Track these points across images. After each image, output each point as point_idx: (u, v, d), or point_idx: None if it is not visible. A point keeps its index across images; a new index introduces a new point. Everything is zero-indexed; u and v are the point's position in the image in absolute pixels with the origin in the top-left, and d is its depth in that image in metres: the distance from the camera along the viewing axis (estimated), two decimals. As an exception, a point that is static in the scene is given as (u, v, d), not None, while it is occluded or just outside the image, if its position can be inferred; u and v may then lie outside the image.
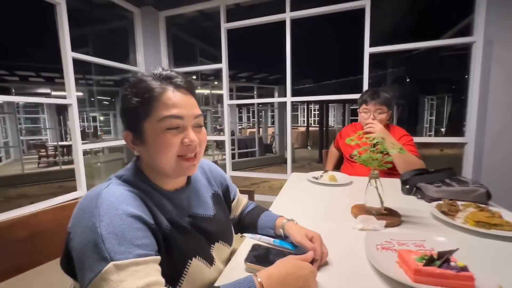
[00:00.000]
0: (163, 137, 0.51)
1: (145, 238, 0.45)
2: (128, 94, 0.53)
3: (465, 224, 0.79)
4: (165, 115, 0.51)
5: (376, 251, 0.64)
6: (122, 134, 0.61)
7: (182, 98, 0.53)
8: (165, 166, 0.54)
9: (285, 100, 2.59)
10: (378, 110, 1.46)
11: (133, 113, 0.53)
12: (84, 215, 0.45)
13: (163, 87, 0.52)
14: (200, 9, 2.86)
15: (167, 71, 0.55)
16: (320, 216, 0.93)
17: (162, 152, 0.52)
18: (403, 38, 2.23)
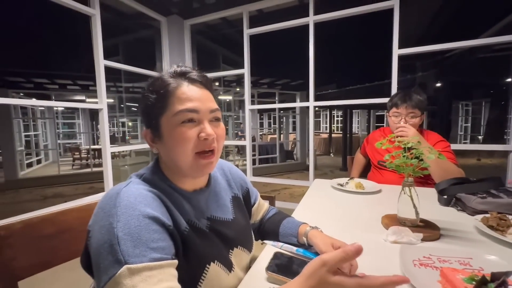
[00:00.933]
0: (178, 131, 0.51)
1: (161, 240, 0.44)
2: (145, 93, 0.54)
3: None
4: (180, 109, 0.51)
5: (414, 268, 0.57)
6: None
7: (197, 92, 0.53)
8: (182, 163, 0.52)
9: (307, 104, 2.53)
10: (410, 114, 1.34)
11: (151, 110, 0.53)
12: (104, 214, 0.45)
13: (177, 82, 0.52)
14: (223, 17, 2.92)
15: (181, 67, 0.55)
16: (346, 226, 0.87)
17: (178, 147, 0.51)
18: (434, 39, 2.09)
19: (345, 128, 7.03)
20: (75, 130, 10.68)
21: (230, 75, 4.88)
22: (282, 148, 6.90)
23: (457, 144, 1.98)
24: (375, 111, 11.95)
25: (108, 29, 2.20)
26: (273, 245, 0.69)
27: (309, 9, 2.40)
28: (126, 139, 10.11)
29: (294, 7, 2.82)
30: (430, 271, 0.56)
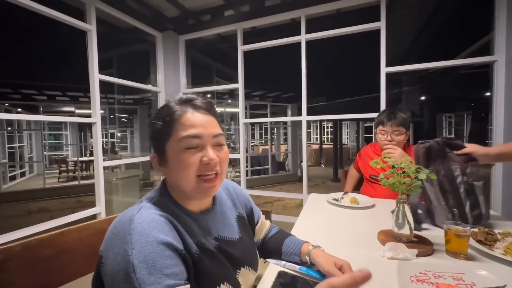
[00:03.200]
0: (182, 156, 0.53)
1: (175, 266, 0.45)
2: (154, 119, 0.57)
3: (506, 256, 0.73)
4: (184, 135, 0.53)
5: (411, 284, 0.60)
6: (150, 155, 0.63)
7: (200, 118, 0.56)
8: (186, 186, 0.55)
9: (300, 119, 2.60)
10: (396, 132, 1.43)
11: (158, 136, 0.56)
12: (118, 241, 0.45)
13: (182, 109, 0.56)
14: (217, 33, 3.00)
15: (187, 94, 0.58)
16: (344, 242, 0.90)
17: (181, 171, 0.53)
18: (418, 57, 2.23)
19: (336, 140, 7.17)
20: (62, 142, 10.40)
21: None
22: (274, 160, 6.93)
23: None
24: (363, 122, 12.30)
25: (102, 42, 2.21)
26: (276, 264, 0.71)
27: (301, 27, 2.50)
28: (115, 150, 9.92)
29: (286, 24, 2.94)
30: (427, 286, 0.59)
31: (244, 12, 2.67)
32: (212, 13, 2.74)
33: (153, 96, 3.43)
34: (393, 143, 1.44)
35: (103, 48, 2.23)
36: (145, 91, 3.88)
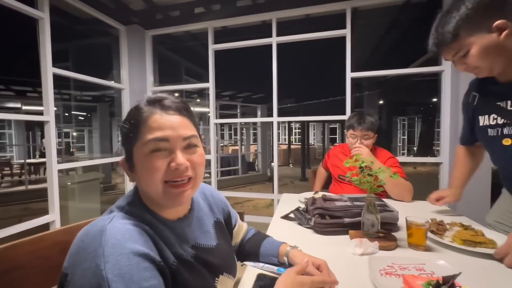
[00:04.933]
0: (148, 161, 0.50)
1: (153, 278, 0.42)
2: (123, 121, 0.53)
3: (453, 243, 0.84)
4: (149, 138, 0.50)
5: (381, 277, 0.64)
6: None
7: (169, 120, 0.51)
8: (153, 193, 0.51)
9: (271, 120, 2.64)
10: (365, 136, 1.52)
11: (126, 140, 0.52)
12: (87, 255, 0.41)
13: (150, 111, 0.52)
14: (187, 30, 2.91)
15: (157, 94, 0.54)
16: (318, 241, 0.93)
17: (147, 177, 0.50)
18: (378, 64, 2.41)
19: (304, 140, 7.42)
20: (5, 142, 9.19)
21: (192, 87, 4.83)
22: (244, 160, 6.95)
23: (402, 157, 2.26)
24: (328, 124, 12.93)
25: (57, 32, 2.00)
26: (254, 266, 0.71)
27: (272, 30, 2.54)
28: (71, 151, 9.06)
29: (258, 26, 2.96)
30: (394, 279, 0.63)
31: (215, 10, 2.63)
32: (182, 9, 2.65)
33: (116, 93, 3.21)
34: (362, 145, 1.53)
35: (57, 38, 2.02)
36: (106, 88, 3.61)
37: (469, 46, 0.75)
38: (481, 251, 0.78)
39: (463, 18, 0.73)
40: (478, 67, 0.78)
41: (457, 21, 0.73)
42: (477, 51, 0.74)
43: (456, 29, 0.74)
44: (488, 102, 0.88)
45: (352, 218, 0.96)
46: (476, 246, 0.81)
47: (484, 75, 0.81)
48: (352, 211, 0.98)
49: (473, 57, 0.75)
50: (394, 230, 0.98)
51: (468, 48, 0.75)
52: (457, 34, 0.74)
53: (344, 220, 0.96)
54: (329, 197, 1.11)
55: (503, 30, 0.70)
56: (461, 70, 0.83)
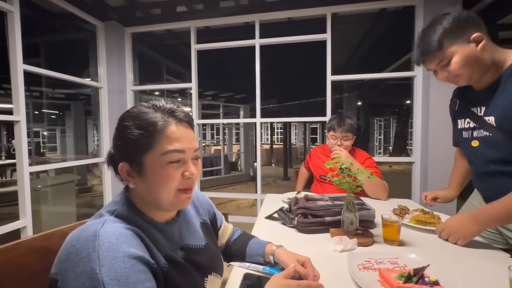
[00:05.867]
0: (166, 171, 0.51)
1: (147, 281, 0.43)
2: (129, 126, 0.51)
3: (409, 223, 1.03)
4: (169, 149, 0.51)
5: (359, 272, 0.69)
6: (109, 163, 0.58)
7: (184, 132, 0.54)
8: (163, 199, 0.52)
9: (254, 121, 2.66)
10: (344, 137, 1.60)
11: (134, 145, 0.51)
12: (80, 260, 0.41)
13: (166, 121, 0.52)
14: (168, 28, 2.86)
15: (169, 104, 0.55)
16: (301, 240, 0.97)
17: (163, 185, 0.51)
18: (356, 68, 2.54)
19: (286, 140, 7.53)
20: (-36, 142, 8.46)
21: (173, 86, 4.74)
22: (226, 160, 6.92)
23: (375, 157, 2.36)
24: (310, 124, 13.21)
25: (27, 26, 1.89)
26: (240, 266, 0.73)
27: (255, 32, 2.57)
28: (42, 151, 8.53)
29: (241, 27, 2.97)
30: (371, 273, 0.68)
31: (198, 10, 2.60)
32: (163, 7, 2.60)
33: (93, 91, 3.08)
34: (342, 147, 1.61)
35: (27, 32, 1.91)
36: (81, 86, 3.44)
37: (452, 55, 0.82)
38: (428, 228, 0.99)
39: (446, 29, 0.81)
40: (459, 75, 0.85)
41: (441, 32, 0.82)
42: (459, 59, 0.82)
43: (440, 39, 0.82)
44: (465, 107, 0.97)
45: (333, 217, 1.01)
46: (426, 225, 1.01)
47: (463, 84, 0.89)
48: (332, 210, 1.03)
49: (455, 65, 0.83)
50: (371, 227, 1.04)
51: (450, 56, 0.83)
52: (441, 43, 0.82)
53: (326, 219, 1.01)
54: (311, 197, 1.15)
55: (479, 42, 0.80)
56: (443, 79, 0.90)
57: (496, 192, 0.83)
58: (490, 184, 0.92)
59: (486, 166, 0.91)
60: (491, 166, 0.89)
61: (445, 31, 0.81)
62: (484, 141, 0.89)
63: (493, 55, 0.83)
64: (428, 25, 0.86)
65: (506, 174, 0.85)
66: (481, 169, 0.94)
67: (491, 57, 0.83)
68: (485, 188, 0.98)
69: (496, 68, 0.84)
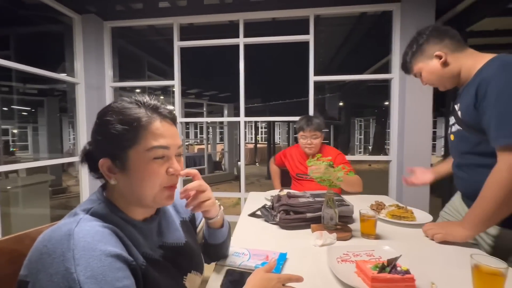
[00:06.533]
0: (150, 167, 0.51)
1: (126, 278, 0.43)
2: (112, 121, 0.50)
3: (385, 217, 1.10)
4: (154, 145, 0.51)
5: (338, 264, 0.72)
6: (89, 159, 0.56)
7: (168, 128, 0.54)
8: (146, 196, 0.52)
9: (238, 119, 2.66)
10: (313, 136, 1.70)
11: (117, 141, 0.50)
12: (53, 260, 0.40)
13: (150, 116, 0.52)
14: (151, 24, 2.79)
15: (153, 100, 0.55)
16: (282, 235, 0.99)
17: (147, 181, 0.51)
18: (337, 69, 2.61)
19: (270, 139, 7.59)
20: None
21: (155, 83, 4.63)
22: (210, 159, 6.86)
23: (355, 156, 2.45)
24: (293, 123, 13.38)
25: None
26: (230, 265, 0.73)
27: (240, 30, 2.57)
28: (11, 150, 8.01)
29: (226, 25, 2.96)
30: (349, 265, 0.72)
31: (181, 7, 2.56)
32: (145, 2, 2.53)
33: (69, 87, 2.94)
34: (312, 145, 1.71)
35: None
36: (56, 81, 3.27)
37: (419, 70, 1.00)
38: (401, 222, 1.06)
39: (414, 52, 0.99)
40: (433, 84, 1.01)
41: (410, 55, 1.00)
42: (425, 74, 0.99)
43: (410, 61, 1.01)
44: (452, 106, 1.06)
45: (314, 213, 1.04)
46: (400, 219, 1.08)
47: (442, 89, 1.03)
48: (313, 207, 1.06)
49: (424, 78, 1.01)
50: (350, 222, 1.08)
51: (419, 72, 1.01)
52: (411, 64, 1.02)
53: (307, 215, 1.04)
54: (293, 194, 1.18)
55: (440, 58, 0.93)
56: (424, 85, 1.05)
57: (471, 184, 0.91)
58: (468, 175, 0.95)
59: (460, 157, 0.98)
60: (464, 157, 0.96)
61: (413, 53, 0.99)
62: (456, 135, 0.98)
63: (461, 63, 0.92)
64: (409, 43, 1.02)
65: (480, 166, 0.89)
66: (456, 161, 1.02)
67: (459, 66, 0.93)
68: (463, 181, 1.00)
69: (468, 72, 0.91)
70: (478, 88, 0.81)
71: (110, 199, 0.54)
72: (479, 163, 0.90)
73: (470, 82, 0.89)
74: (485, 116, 0.80)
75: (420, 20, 2.23)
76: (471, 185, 0.92)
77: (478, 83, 0.81)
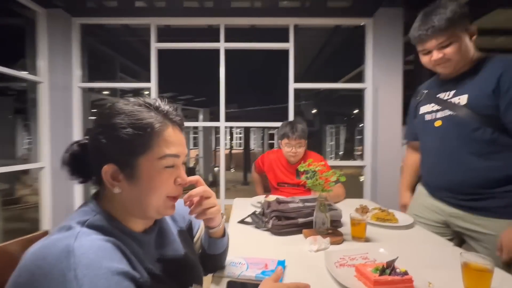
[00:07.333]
0: (161, 176, 0.48)
1: None
2: (122, 124, 0.46)
3: (371, 220, 1.14)
4: (167, 153, 0.48)
5: (336, 269, 0.72)
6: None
7: (178, 136, 0.52)
8: (152, 206, 0.49)
9: (218, 124, 2.62)
10: (298, 144, 1.63)
11: (127, 146, 0.46)
12: (50, 282, 0.34)
13: (160, 122, 0.49)
14: (125, 23, 2.66)
15: (164, 104, 0.52)
16: (276, 241, 0.98)
17: (156, 191, 0.48)
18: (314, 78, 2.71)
19: (246, 145, 7.58)
20: None
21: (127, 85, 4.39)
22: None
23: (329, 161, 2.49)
24: (267, 130, 13.57)
25: None
26: (228, 276, 0.69)
27: (220, 35, 2.55)
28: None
29: (203, 29, 2.92)
30: (348, 269, 0.72)
31: (159, 8, 2.48)
32: (120, 1, 2.41)
33: (29, 86, 2.66)
34: (297, 153, 1.64)
35: None
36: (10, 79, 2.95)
37: (455, 38, 0.91)
38: (385, 224, 1.11)
39: (457, 11, 0.89)
40: (450, 60, 0.94)
41: (453, 13, 0.89)
42: (459, 45, 0.91)
43: (452, 19, 0.89)
44: (430, 95, 1.10)
45: (305, 218, 1.05)
46: (384, 221, 1.13)
47: (448, 71, 0.99)
48: (304, 212, 1.07)
49: (453, 48, 0.91)
50: (339, 226, 1.10)
51: (453, 40, 0.91)
52: (453, 23, 0.89)
53: (299, 221, 1.04)
54: (282, 199, 1.18)
55: (473, 35, 0.92)
56: (431, 62, 0.98)
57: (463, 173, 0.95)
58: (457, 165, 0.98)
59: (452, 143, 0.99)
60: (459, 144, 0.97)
61: (456, 13, 0.89)
62: (447, 120, 1.00)
63: (473, 51, 0.96)
64: (434, 8, 0.93)
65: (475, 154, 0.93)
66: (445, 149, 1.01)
67: (473, 51, 0.95)
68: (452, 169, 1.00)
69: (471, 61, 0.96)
70: (501, 77, 0.86)
71: (106, 209, 0.48)
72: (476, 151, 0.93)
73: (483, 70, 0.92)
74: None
75: (390, 34, 2.41)
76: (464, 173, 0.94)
77: (501, 73, 0.87)
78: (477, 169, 0.94)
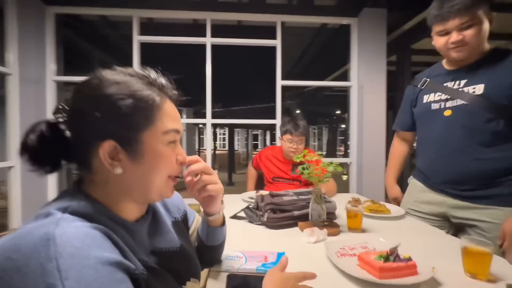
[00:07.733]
0: (166, 152, 0.44)
1: None
2: (118, 94, 0.40)
3: (365, 212, 1.13)
4: (171, 128, 0.45)
5: (338, 259, 0.70)
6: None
7: (176, 111, 0.48)
8: (155, 187, 0.45)
9: (205, 121, 2.55)
10: (300, 141, 1.66)
11: (128, 120, 0.41)
12: (25, 277, 0.28)
13: (161, 96, 0.45)
14: (103, 15, 2.52)
15: (160, 76, 0.47)
16: (271, 235, 0.95)
17: (160, 169, 0.44)
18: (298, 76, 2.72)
19: (231, 145, 7.51)
20: None
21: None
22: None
23: None
24: (252, 130, 13.56)
25: None
26: (227, 270, 0.65)
27: (207, 30, 2.49)
28: None
29: (189, 24, 2.84)
30: (349, 258, 0.70)
31: None
32: (100, -11, 2.28)
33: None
34: (297, 149, 1.65)
35: None
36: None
37: (476, 20, 0.88)
38: (378, 215, 1.13)
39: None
40: (468, 43, 0.91)
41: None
42: (479, 29, 0.89)
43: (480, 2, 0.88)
44: (435, 84, 1.07)
45: (300, 211, 1.02)
46: (377, 212, 1.15)
47: (462, 56, 0.94)
48: (299, 204, 1.04)
49: (473, 31, 0.89)
50: (333, 218, 1.09)
51: (475, 21, 0.88)
52: (479, 3, 0.87)
53: (294, 213, 1.01)
54: (276, 193, 1.15)
55: (491, 21, 0.91)
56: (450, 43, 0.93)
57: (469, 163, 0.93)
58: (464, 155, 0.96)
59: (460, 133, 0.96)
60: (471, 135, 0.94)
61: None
62: (458, 110, 0.97)
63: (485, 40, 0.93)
64: None
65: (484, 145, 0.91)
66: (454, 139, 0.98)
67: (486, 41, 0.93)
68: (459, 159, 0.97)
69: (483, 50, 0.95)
70: None
71: (92, 195, 0.42)
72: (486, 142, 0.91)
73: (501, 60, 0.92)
74: None
75: (374, 35, 2.47)
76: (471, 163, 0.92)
77: None
78: (485, 160, 0.93)
